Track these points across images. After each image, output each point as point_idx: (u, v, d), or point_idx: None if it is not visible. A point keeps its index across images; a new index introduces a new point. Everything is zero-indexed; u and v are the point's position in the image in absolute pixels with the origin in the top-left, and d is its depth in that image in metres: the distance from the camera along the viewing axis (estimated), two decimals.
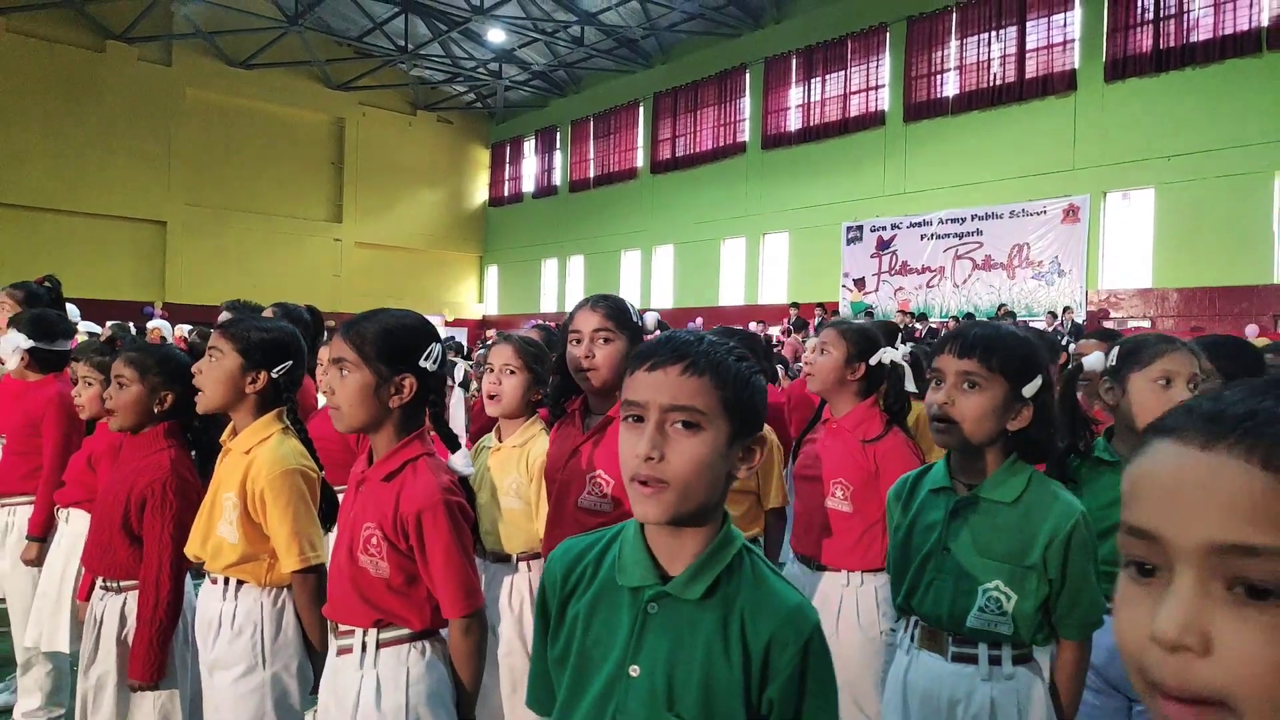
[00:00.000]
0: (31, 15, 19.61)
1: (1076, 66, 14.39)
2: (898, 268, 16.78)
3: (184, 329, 8.70)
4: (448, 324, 26.23)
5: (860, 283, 17.33)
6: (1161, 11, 13.47)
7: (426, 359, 1.67)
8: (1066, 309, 13.70)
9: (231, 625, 1.91)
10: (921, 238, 16.43)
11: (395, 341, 1.65)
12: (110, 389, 2.25)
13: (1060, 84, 14.55)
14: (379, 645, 1.64)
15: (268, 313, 3.48)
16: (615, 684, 1.06)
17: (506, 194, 26.73)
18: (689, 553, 1.06)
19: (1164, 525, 0.51)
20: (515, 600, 2.26)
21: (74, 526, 2.78)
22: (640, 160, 22.15)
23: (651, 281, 21.85)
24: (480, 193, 27.34)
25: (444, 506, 1.60)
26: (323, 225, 24.46)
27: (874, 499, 2.39)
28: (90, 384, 2.73)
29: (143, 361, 2.23)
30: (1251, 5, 12.64)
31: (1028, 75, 14.93)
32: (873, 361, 2.47)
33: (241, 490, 1.93)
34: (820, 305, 16.18)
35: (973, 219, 15.71)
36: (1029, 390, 1.56)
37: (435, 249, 26.32)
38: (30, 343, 3.13)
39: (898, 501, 1.77)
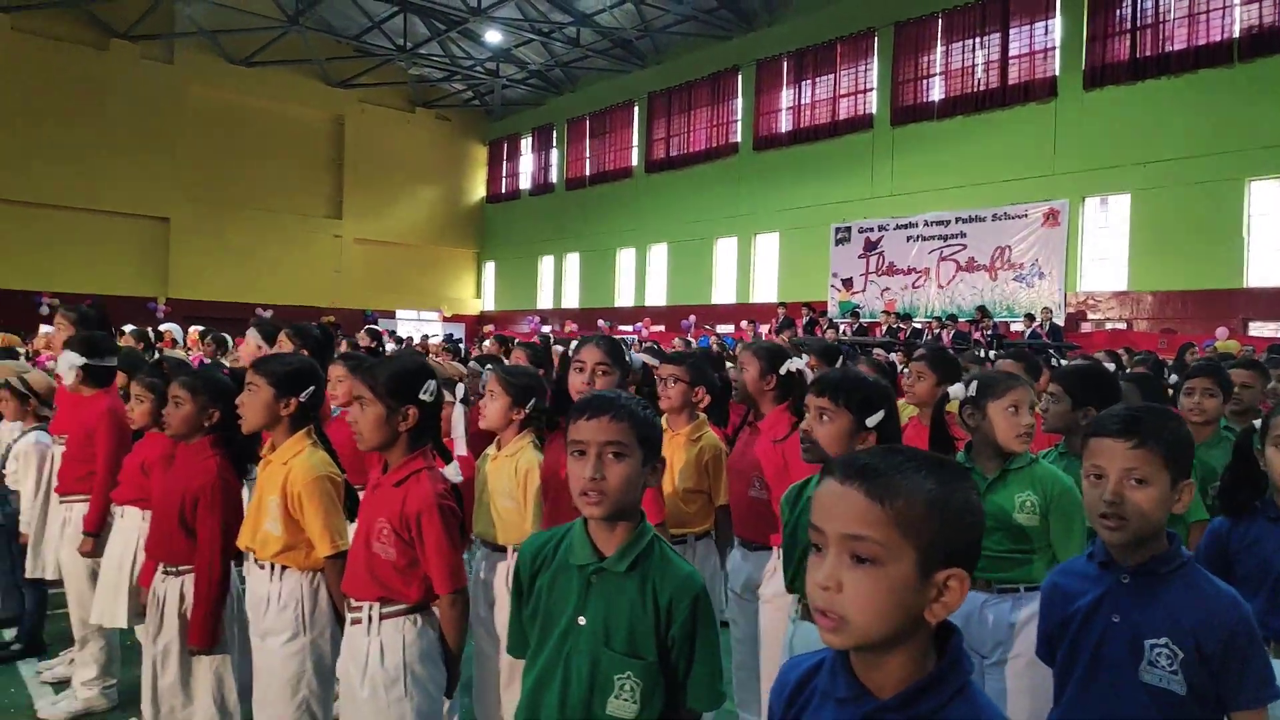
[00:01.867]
0: (36, 14, 19.97)
1: (1057, 74, 14.83)
2: (884, 268, 17.25)
3: (196, 329, 9.13)
4: (445, 319, 26.68)
5: (849, 283, 17.80)
6: (1138, 21, 13.91)
7: (424, 393, 2.17)
8: (1046, 310, 14.18)
9: (278, 601, 2.40)
10: (908, 239, 16.89)
11: (401, 381, 2.16)
12: (167, 407, 2.72)
13: (1041, 91, 15.00)
14: (382, 617, 2.15)
15: (284, 342, 3.93)
16: (570, 630, 1.56)
17: (504, 191, 27.14)
18: (617, 539, 1.56)
19: (824, 523, 1.01)
20: (511, 583, 2.74)
21: (129, 521, 3.25)
22: (635, 159, 22.58)
23: (646, 279, 22.30)
24: (478, 189, 27.75)
25: (438, 509, 2.12)
26: (323, 221, 24.87)
27: (782, 488, 2.88)
28: (142, 401, 3.20)
29: (194, 384, 2.71)
30: (1224, 17, 13.09)
31: (1010, 81, 15.37)
32: (781, 371, 2.95)
33: (283, 494, 2.40)
34: (808, 305, 16.64)
35: (957, 221, 16.18)
36: (871, 421, 2.03)
37: (433, 245, 26.75)
38: (84, 360, 3.59)
39: (788, 504, 2.26)
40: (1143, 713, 1.53)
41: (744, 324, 17.80)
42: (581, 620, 1.55)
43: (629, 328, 20.66)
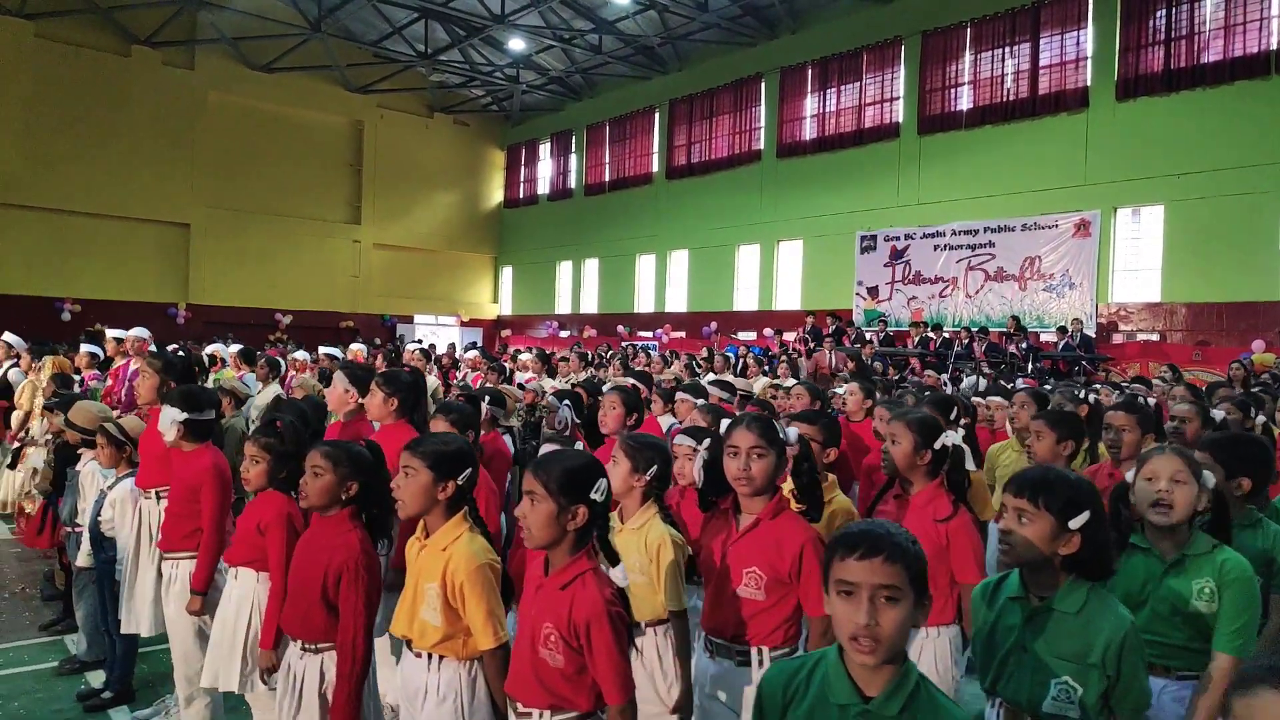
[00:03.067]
0: (59, 21, 19.95)
1: (1089, 84, 14.73)
2: (911, 277, 17.17)
3: (235, 347, 9.10)
4: (463, 324, 26.66)
5: (874, 291, 17.72)
6: (1173, 32, 13.80)
7: (596, 492, 2.10)
8: (1076, 321, 14.09)
9: (438, 693, 2.34)
10: (934, 248, 16.81)
11: (574, 479, 2.09)
12: (306, 476, 2.67)
13: (1073, 101, 14.90)
14: None
15: (375, 391, 3.86)
16: None
17: (522, 196, 27.09)
18: (883, 678, 1.50)
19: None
20: (648, 661, 2.69)
21: (243, 583, 3.19)
22: (655, 165, 22.51)
23: (667, 286, 22.24)
24: (496, 195, 27.71)
25: (608, 617, 2.03)
26: (342, 227, 24.84)
27: (942, 568, 2.82)
28: (258, 462, 3.15)
29: (336, 455, 2.66)
30: (1261, 28, 12.98)
31: (1040, 91, 15.28)
32: (936, 446, 2.90)
33: (443, 582, 2.35)
34: (832, 314, 16.57)
35: (985, 231, 16.10)
36: (1075, 523, 1.98)
37: (451, 250, 26.71)
38: (184, 415, 3.54)
39: (983, 600, 2.19)
40: None
41: (767, 331, 17.76)
42: None
43: (649, 333, 20.62)
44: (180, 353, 4.01)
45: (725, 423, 2.91)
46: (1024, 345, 13.56)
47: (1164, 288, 14.20)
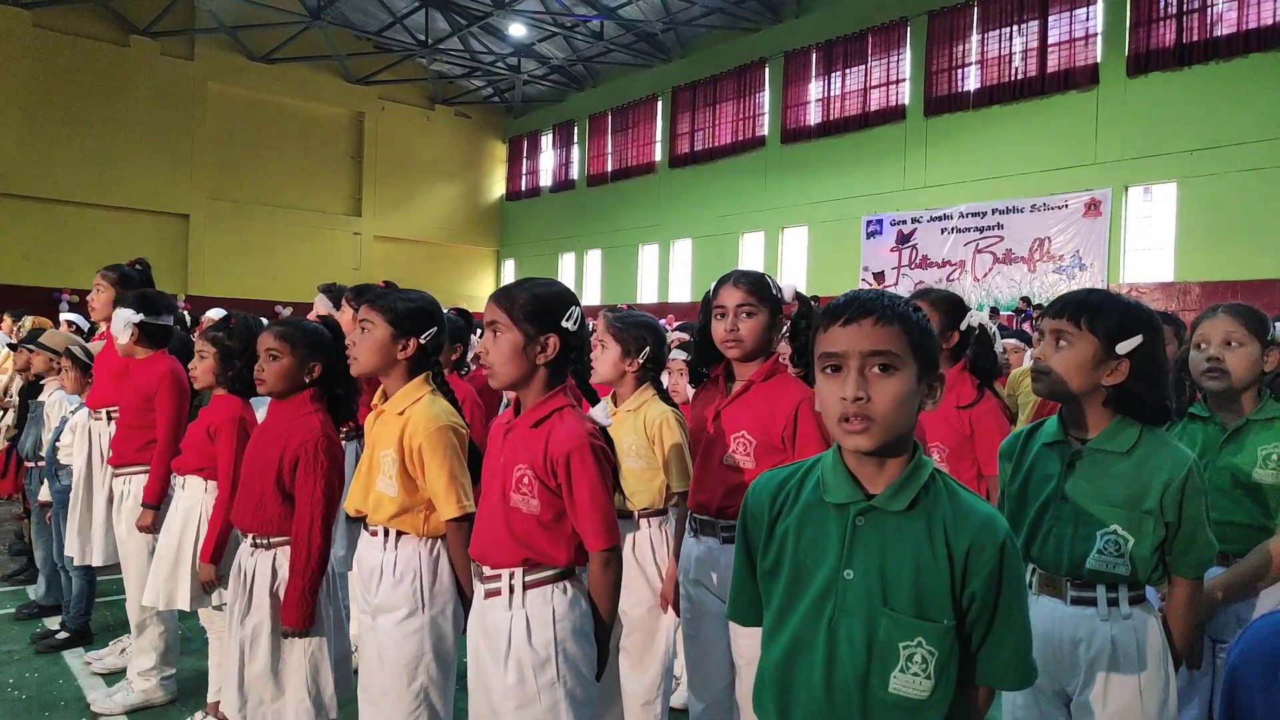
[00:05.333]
0: (57, 10, 19.81)
1: (1099, 61, 14.45)
2: (918, 261, 16.87)
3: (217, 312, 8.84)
4: None
5: (880, 276, 17.42)
6: (1184, 6, 13.52)
7: (568, 320, 1.82)
8: None
9: (393, 573, 2.06)
10: (942, 231, 16.52)
11: (541, 305, 1.81)
12: (261, 361, 2.39)
13: (1082, 78, 14.61)
14: (525, 586, 1.78)
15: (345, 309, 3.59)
16: (832, 586, 1.22)
17: (524, 188, 26.88)
18: (888, 475, 1.22)
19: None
20: (640, 553, 2.41)
21: (191, 493, 2.92)
22: (658, 154, 22.26)
23: (670, 275, 21.97)
24: (497, 187, 27.50)
25: (590, 449, 1.75)
26: (342, 218, 24.65)
27: (967, 458, 2.53)
28: (204, 357, 2.87)
29: (291, 335, 2.38)
30: (1275, 0, 12.69)
31: (1049, 69, 14.99)
32: (962, 327, 2.61)
33: (399, 447, 2.07)
34: None
35: (993, 213, 15.80)
36: (1123, 348, 1.68)
37: (453, 242, 26.50)
38: (140, 317, 3.27)
39: (1008, 459, 1.89)
40: None
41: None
42: (848, 574, 1.21)
43: None
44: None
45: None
46: (1037, 322, 13.24)
47: (1177, 267, 13.88)
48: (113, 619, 4.14)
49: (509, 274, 27.47)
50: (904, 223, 17.06)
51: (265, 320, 2.93)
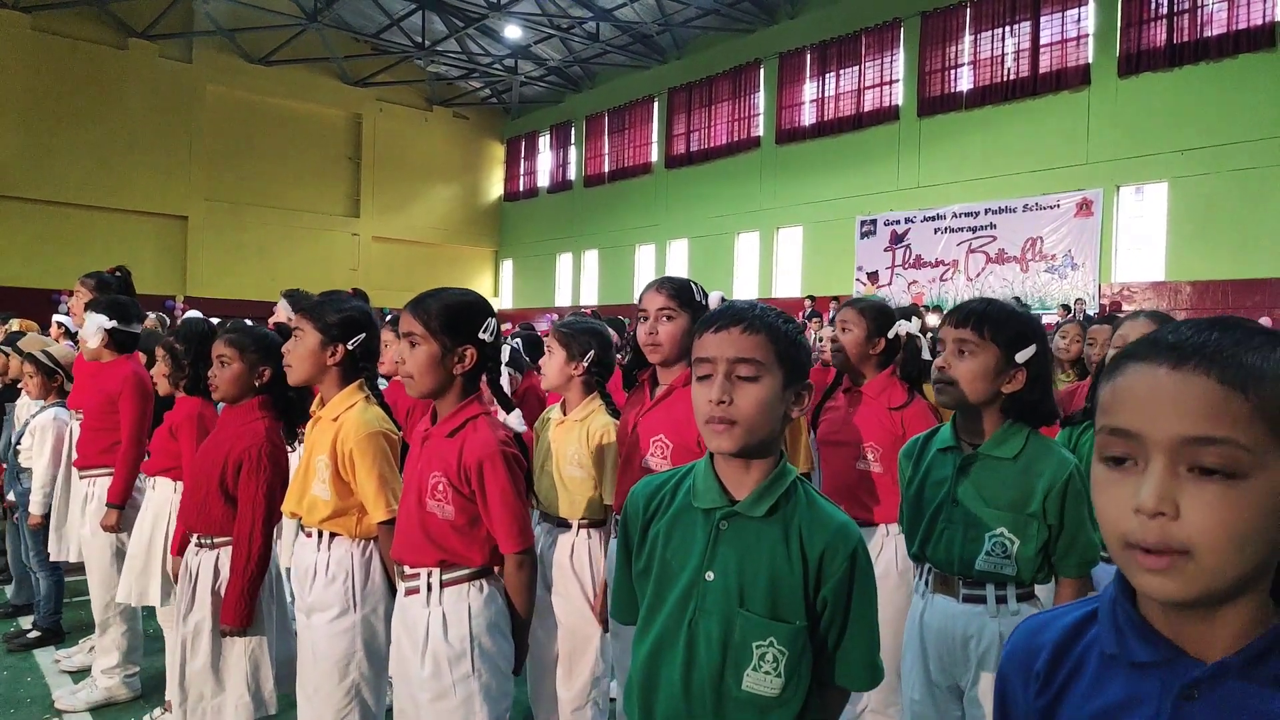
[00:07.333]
0: (55, 13, 19.91)
1: (1090, 61, 14.47)
2: (911, 261, 16.91)
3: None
4: None
5: (874, 276, 17.46)
6: (1175, 6, 13.54)
7: (484, 332, 1.89)
8: (1079, 301, 13.81)
9: (326, 573, 2.13)
10: (935, 231, 16.55)
11: (458, 317, 1.87)
12: (212, 369, 2.46)
13: (1074, 79, 14.64)
14: (442, 584, 1.86)
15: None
16: (694, 587, 1.27)
17: (521, 189, 26.95)
18: (753, 480, 1.28)
19: (1142, 425, 0.70)
20: (576, 562, 2.47)
21: (160, 493, 2.99)
22: (655, 155, 22.32)
23: (666, 274, 22.00)
24: (495, 188, 27.57)
25: (501, 456, 1.81)
26: (340, 220, 24.74)
27: None
28: (157, 364, 2.95)
29: (241, 341, 2.45)
30: (1265, 0, 12.70)
31: (1041, 70, 15.02)
32: (890, 335, 2.67)
33: (333, 453, 2.13)
34: (835, 299, 16.32)
35: (986, 213, 15.83)
36: (1022, 356, 1.75)
37: (451, 243, 26.57)
38: (111, 323, 3.34)
39: (909, 460, 1.96)
40: None
41: None
42: (710, 575, 1.26)
43: None
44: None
45: None
46: None
47: (1168, 266, 13.90)
48: (86, 618, 4.21)
49: (507, 274, 27.57)
50: (898, 223, 17.10)
51: (230, 323, 3.01)
